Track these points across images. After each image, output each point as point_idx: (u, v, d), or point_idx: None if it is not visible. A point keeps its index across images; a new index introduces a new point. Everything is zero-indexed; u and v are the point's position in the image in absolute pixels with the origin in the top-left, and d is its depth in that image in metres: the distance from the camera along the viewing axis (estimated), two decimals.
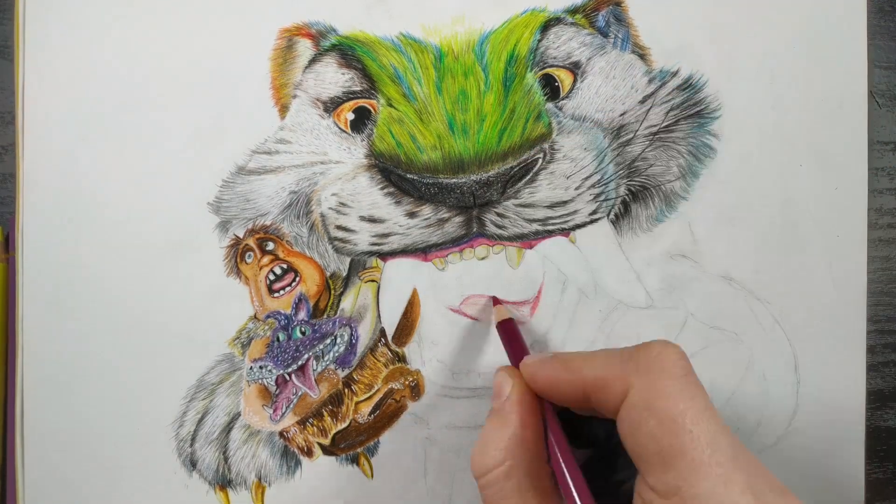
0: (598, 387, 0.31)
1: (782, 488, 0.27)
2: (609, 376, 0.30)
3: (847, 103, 0.44)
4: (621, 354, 0.31)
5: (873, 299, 0.44)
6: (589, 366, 0.32)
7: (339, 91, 0.42)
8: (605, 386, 0.30)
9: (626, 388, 0.29)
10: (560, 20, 0.43)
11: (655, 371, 0.29)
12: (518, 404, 0.33)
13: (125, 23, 0.42)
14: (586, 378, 0.31)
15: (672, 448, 0.27)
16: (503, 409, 0.33)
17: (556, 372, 0.33)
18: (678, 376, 0.29)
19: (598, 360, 0.32)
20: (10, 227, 0.42)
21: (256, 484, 0.42)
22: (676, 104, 0.43)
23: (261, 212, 0.42)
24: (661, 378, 0.29)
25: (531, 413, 0.33)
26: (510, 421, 0.32)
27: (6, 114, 0.43)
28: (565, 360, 0.33)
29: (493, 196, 0.41)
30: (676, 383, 0.28)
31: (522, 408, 0.33)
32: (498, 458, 0.31)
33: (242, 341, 0.42)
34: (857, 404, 0.43)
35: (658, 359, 0.29)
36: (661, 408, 0.28)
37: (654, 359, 0.30)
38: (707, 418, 0.27)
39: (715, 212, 0.43)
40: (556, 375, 0.33)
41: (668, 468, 0.27)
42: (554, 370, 0.33)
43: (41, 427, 0.41)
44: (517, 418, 0.32)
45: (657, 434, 0.28)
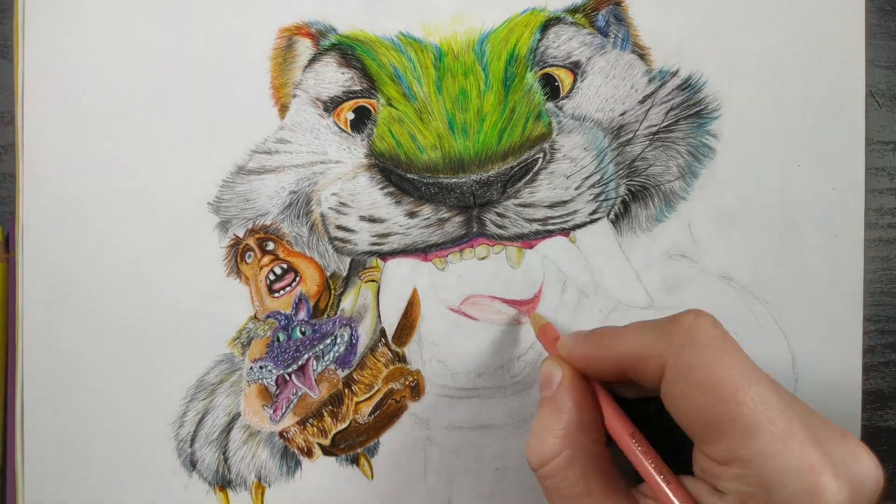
0: (634, 363, 0.30)
1: (842, 431, 0.27)
2: (644, 352, 0.30)
3: (845, 103, 0.44)
4: (654, 328, 0.30)
5: (873, 299, 0.44)
6: (622, 342, 0.31)
7: (339, 90, 0.42)
8: (641, 362, 0.30)
9: (662, 364, 0.29)
10: (560, 20, 0.43)
11: (689, 344, 0.29)
12: (571, 390, 0.32)
13: (125, 23, 0.42)
14: (622, 354, 0.31)
15: (721, 416, 0.27)
16: (556, 397, 0.32)
17: (592, 349, 0.33)
18: (713, 344, 0.28)
19: (632, 335, 0.31)
20: (10, 227, 0.42)
21: (256, 484, 0.42)
22: (676, 104, 0.43)
23: (261, 212, 0.42)
24: (695, 350, 0.28)
25: (585, 398, 0.32)
26: (565, 407, 0.32)
27: (6, 114, 0.43)
28: (599, 335, 0.33)
29: (493, 196, 0.41)
30: (712, 353, 0.28)
31: (576, 393, 0.32)
32: (557, 447, 0.31)
33: (242, 341, 0.42)
34: (853, 403, 0.43)
35: (691, 331, 0.29)
36: (701, 380, 0.27)
37: (686, 332, 0.29)
38: (751, 380, 0.27)
39: (714, 212, 0.43)
40: (591, 352, 0.32)
41: (721, 437, 0.27)
42: (589, 347, 0.33)
43: (41, 427, 0.41)
44: (572, 404, 0.32)
45: (703, 405, 0.27)
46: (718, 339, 0.29)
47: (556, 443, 0.31)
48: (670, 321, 0.30)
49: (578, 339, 0.34)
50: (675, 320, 0.30)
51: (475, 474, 0.42)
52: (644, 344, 0.30)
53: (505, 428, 0.42)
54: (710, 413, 0.27)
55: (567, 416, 0.31)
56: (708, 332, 0.29)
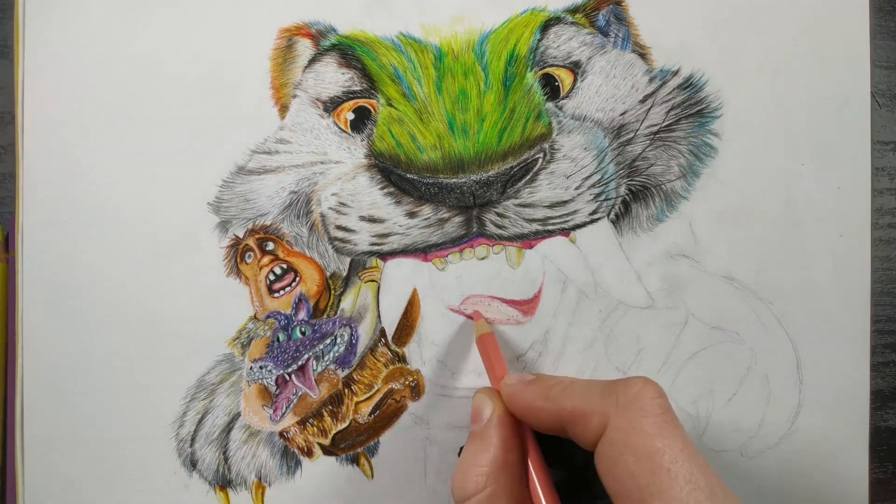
0: (575, 418, 0.30)
1: None
2: (587, 409, 0.30)
3: (849, 102, 0.43)
4: (602, 388, 0.31)
5: (874, 299, 0.44)
6: (568, 396, 0.31)
7: (339, 91, 0.42)
8: (584, 418, 0.30)
9: (604, 423, 0.29)
10: (560, 20, 0.43)
11: (634, 409, 0.29)
12: (499, 427, 0.33)
13: (125, 23, 0.42)
14: (565, 408, 0.31)
15: (650, 486, 0.27)
16: (484, 433, 0.33)
17: (535, 398, 0.33)
18: (656, 414, 0.29)
19: (578, 391, 0.31)
20: (10, 227, 0.42)
21: (256, 484, 0.42)
22: (677, 103, 0.43)
23: (261, 212, 0.42)
24: (639, 416, 0.29)
25: (512, 436, 0.33)
26: (491, 444, 0.32)
27: (6, 114, 0.43)
28: (546, 386, 0.33)
29: (493, 196, 0.41)
30: (655, 421, 0.28)
31: (503, 431, 0.33)
32: (480, 484, 0.31)
33: (242, 341, 0.42)
34: (860, 404, 0.43)
35: (637, 396, 0.29)
36: (638, 446, 0.28)
37: (633, 396, 0.29)
38: (685, 457, 0.27)
39: (716, 211, 0.43)
40: (534, 402, 0.33)
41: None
42: (533, 396, 0.33)
43: (41, 427, 0.41)
44: (498, 442, 0.32)
45: (635, 472, 0.27)
46: (662, 409, 0.29)
47: (479, 480, 0.31)
48: (619, 383, 0.31)
49: (524, 385, 0.34)
50: (624, 383, 0.30)
51: None
52: (589, 401, 0.30)
53: None
54: (641, 480, 0.27)
55: (492, 454, 0.32)
56: (654, 401, 0.29)
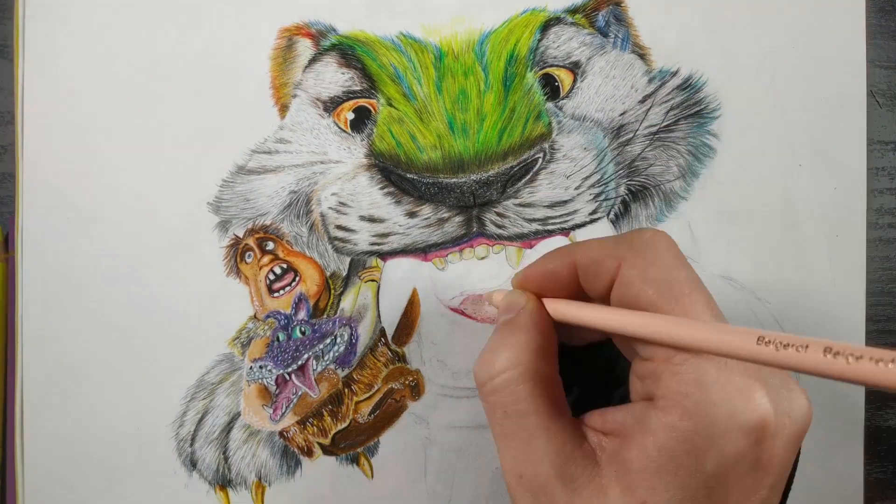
0: (590, 267, 0.30)
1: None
2: (601, 256, 0.30)
3: (847, 102, 0.44)
4: (614, 238, 0.31)
5: (873, 299, 0.44)
6: (581, 249, 0.31)
7: (339, 90, 0.42)
8: (598, 265, 0.30)
9: (617, 265, 0.29)
10: (560, 20, 0.43)
11: (649, 248, 0.29)
12: (534, 314, 0.32)
13: (125, 22, 0.42)
14: (579, 260, 0.31)
15: (674, 312, 0.27)
16: (517, 319, 0.32)
17: (549, 260, 0.32)
18: (672, 253, 0.29)
19: (591, 243, 0.31)
20: (10, 227, 0.42)
21: (256, 484, 0.42)
22: (676, 104, 0.43)
23: (261, 211, 0.42)
24: (653, 253, 0.29)
25: (546, 325, 0.32)
26: (525, 328, 0.31)
27: (6, 114, 0.43)
28: (556, 251, 0.33)
29: (492, 196, 0.41)
30: (670, 257, 0.29)
31: (538, 318, 0.32)
32: (512, 361, 0.30)
33: (242, 341, 0.42)
34: (856, 404, 0.43)
35: (651, 240, 0.30)
36: (657, 277, 0.28)
37: (647, 240, 0.30)
38: (702, 288, 0.28)
39: (714, 211, 0.43)
40: (548, 264, 0.32)
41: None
42: (545, 261, 0.33)
43: (41, 427, 0.41)
44: (533, 327, 0.31)
45: (656, 301, 0.28)
46: (675, 249, 0.29)
47: (511, 357, 0.30)
48: (631, 232, 0.31)
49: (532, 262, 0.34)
50: (636, 231, 0.31)
51: (475, 474, 0.42)
52: (603, 248, 0.30)
53: None
54: (664, 308, 0.27)
55: (525, 336, 0.31)
56: (668, 243, 0.30)
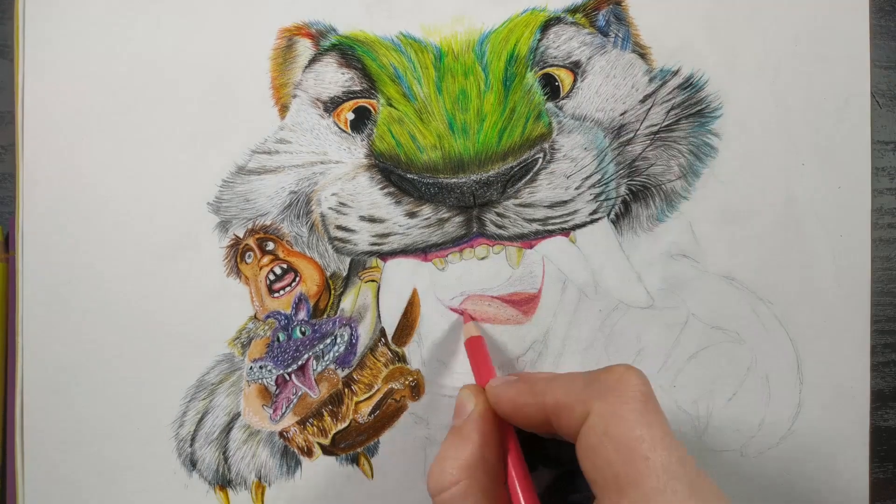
0: (559, 410, 0.30)
1: None
2: (570, 400, 0.30)
3: (849, 102, 0.43)
4: (585, 378, 0.31)
5: (874, 299, 0.44)
6: (552, 389, 0.31)
7: (339, 91, 0.42)
8: (567, 409, 0.30)
9: (585, 413, 0.29)
10: (560, 19, 0.43)
11: (615, 395, 0.29)
12: (479, 423, 0.33)
13: (125, 22, 0.42)
14: (548, 402, 0.31)
15: (627, 475, 0.27)
16: (464, 428, 0.33)
17: (520, 395, 0.33)
18: (638, 401, 0.29)
19: (562, 383, 0.32)
20: (10, 227, 0.42)
21: (256, 484, 0.42)
22: (677, 103, 0.43)
23: (261, 212, 0.42)
24: (620, 403, 0.29)
25: (492, 433, 0.33)
26: (470, 439, 0.32)
27: (6, 114, 0.43)
28: (530, 382, 0.33)
29: (493, 196, 0.41)
30: (635, 408, 0.28)
31: (484, 426, 0.33)
32: (455, 476, 0.31)
33: (242, 341, 0.42)
34: (860, 405, 0.43)
35: (618, 383, 0.29)
36: (618, 434, 0.28)
37: (614, 383, 0.29)
38: (665, 446, 0.27)
39: (716, 211, 0.43)
40: (519, 399, 0.33)
41: (622, 495, 0.27)
42: (517, 393, 0.33)
43: (41, 427, 0.41)
44: (478, 437, 0.32)
45: (613, 460, 0.27)
46: (644, 396, 0.29)
47: (455, 473, 0.31)
48: (601, 372, 0.31)
49: (509, 385, 0.34)
50: (606, 371, 0.31)
51: None
52: (572, 392, 0.30)
53: None
54: (619, 469, 0.27)
55: (470, 449, 0.32)
56: (636, 388, 0.29)
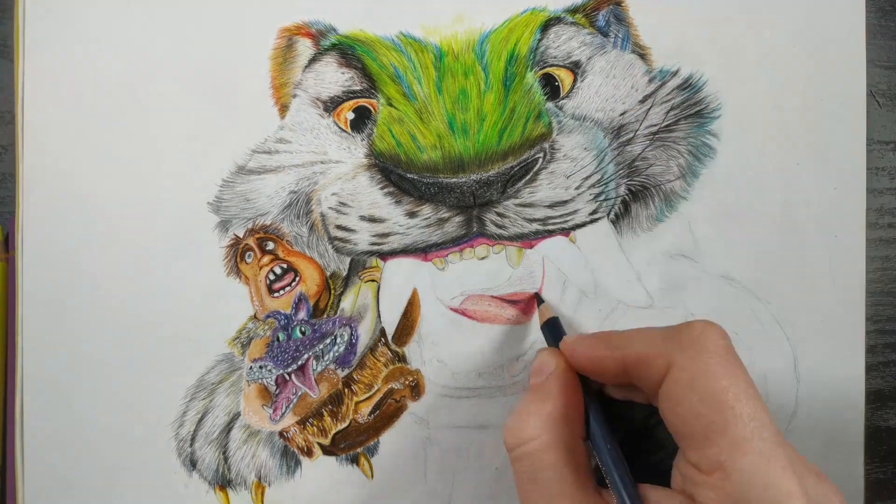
0: (639, 363, 0.31)
1: (819, 471, 0.27)
2: (651, 353, 0.30)
3: (846, 103, 0.44)
4: (663, 332, 0.31)
5: (873, 299, 0.44)
6: (631, 342, 0.32)
7: (339, 90, 0.42)
8: (647, 363, 0.30)
9: (667, 366, 0.29)
10: (560, 20, 0.43)
11: (698, 349, 0.29)
12: (561, 381, 0.33)
13: (125, 22, 0.42)
14: (628, 355, 0.31)
15: (715, 424, 0.27)
16: (545, 386, 0.33)
17: (597, 348, 0.33)
18: (720, 354, 0.29)
19: (641, 337, 0.32)
20: (10, 227, 0.42)
21: (256, 484, 0.42)
22: (676, 104, 0.43)
23: (261, 211, 0.42)
24: (703, 356, 0.29)
25: (574, 391, 0.33)
26: (552, 396, 0.32)
27: (6, 114, 0.43)
28: (606, 336, 0.33)
29: (493, 196, 0.41)
30: (719, 361, 0.29)
31: (566, 385, 0.33)
32: (537, 430, 0.31)
33: (242, 341, 0.42)
34: (856, 404, 0.43)
35: (700, 337, 0.29)
36: (703, 385, 0.28)
37: (696, 337, 0.30)
38: (749, 396, 0.28)
39: (715, 211, 0.43)
40: (596, 352, 0.33)
41: (710, 444, 0.27)
42: (594, 346, 0.33)
43: (41, 427, 0.41)
44: (559, 394, 0.32)
45: (700, 411, 0.28)
46: (725, 349, 0.29)
47: (537, 425, 0.31)
48: (681, 327, 0.31)
49: (584, 338, 0.34)
50: (686, 326, 0.30)
51: (475, 474, 0.42)
52: (652, 345, 0.31)
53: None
54: (706, 419, 0.27)
55: (552, 405, 0.32)
56: (717, 342, 0.29)
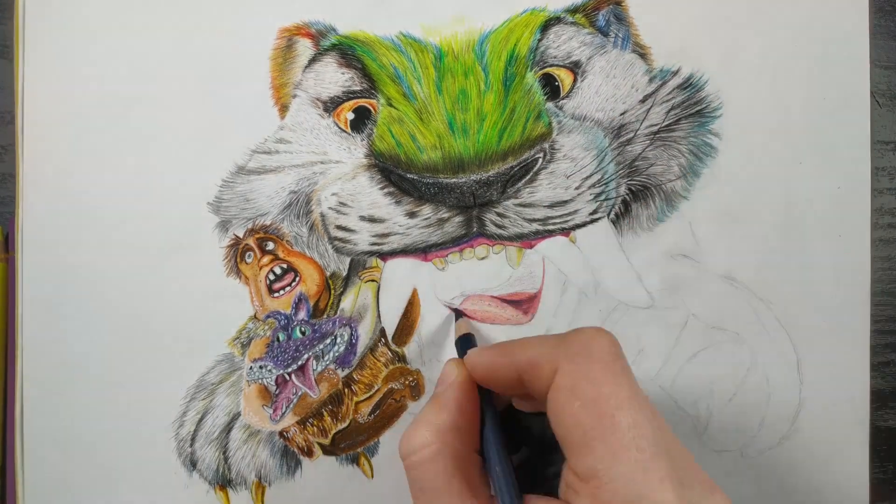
0: (530, 369, 0.31)
1: (711, 484, 0.27)
2: (540, 360, 0.30)
3: (849, 102, 0.43)
4: (554, 339, 0.31)
5: (875, 299, 0.44)
6: (522, 350, 0.32)
7: (339, 90, 0.42)
8: (536, 368, 0.30)
9: (554, 371, 0.29)
10: (560, 19, 0.43)
11: (584, 355, 0.29)
12: (457, 390, 0.33)
13: (125, 23, 0.42)
14: (520, 361, 0.31)
15: (593, 431, 0.27)
16: (442, 395, 0.33)
17: (493, 357, 0.33)
18: (606, 361, 0.29)
19: (532, 344, 0.32)
20: (10, 227, 0.42)
21: (256, 484, 0.42)
22: (677, 103, 0.43)
23: (261, 211, 0.42)
24: (588, 362, 0.29)
25: (469, 401, 0.33)
26: (447, 405, 0.33)
27: (6, 114, 0.43)
28: (504, 346, 0.33)
29: (493, 196, 0.41)
30: (603, 367, 0.29)
31: (461, 394, 0.33)
32: (427, 439, 0.31)
33: (242, 341, 0.42)
34: (860, 404, 0.43)
35: (588, 343, 0.30)
36: (585, 391, 0.28)
37: (584, 343, 0.30)
38: (633, 404, 0.27)
39: (716, 211, 0.43)
40: (492, 361, 0.33)
41: (589, 451, 0.27)
42: (491, 356, 0.33)
43: (41, 427, 0.41)
44: (454, 403, 0.33)
45: (580, 417, 0.28)
46: (612, 357, 0.29)
47: (427, 435, 0.31)
48: (571, 334, 0.31)
49: (485, 349, 0.34)
50: (576, 333, 0.31)
51: None
52: (541, 351, 0.31)
53: None
54: (586, 426, 0.27)
55: (446, 415, 0.32)
56: (603, 349, 0.29)
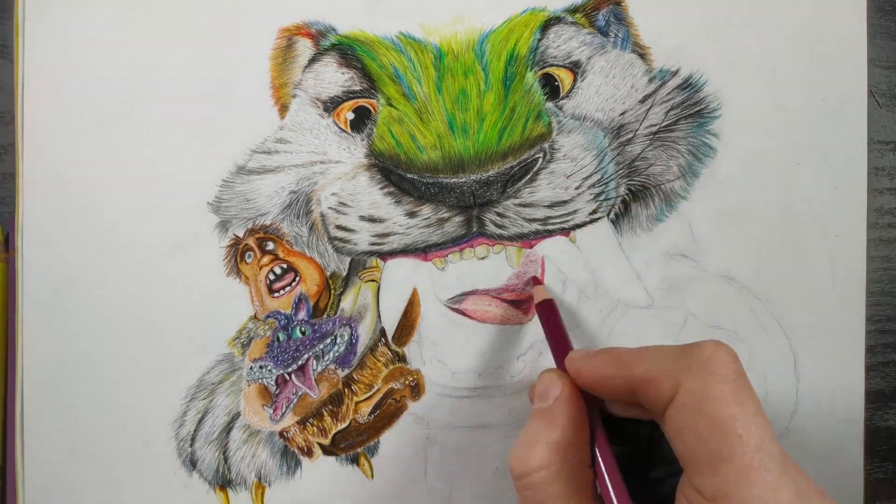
0: (646, 384, 0.30)
1: (821, 492, 0.27)
2: (659, 375, 0.30)
3: (847, 102, 0.44)
4: (673, 353, 0.30)
5: (873, 299, 0.44)
6: (639, 362, 0.31)
7: (339, 90, 0.42)
8: (655, 384, 0.30)
9: (675, 388, 0.29)
10: (560, 19, 0.43)
11: (707, 373, 0.28)
12: (567, 405, 0.32)
13: (125, 22, 0.42)
14: (635, 374, 0.31)
15: (721, 452, 0.27)
16: (552, 411, 0.32)
17: (604, 367, 0.32)
18: (730, 379, 0.28)
19: (649, 356, 0.31)
20: (9, 227, 0.42)
21: (256, 484, 0.42)
22: (676, 103, 0.43)
23: (261, 211, 0.42)
24: (712, 380, 0.28)
25: (580, 416, 0.32)
26: (558, 423, 0.32)
27: (6, 114, 0.43)
28: (614, 355, 0.33)
29: (492, 196, 0.41)
30: (728, 387, 0.28)
31: (571, 409, 0.32)
32: (545, 460, 0.30)
33: (242, 341, 0.42)
34: (856, 403, 0.43)
35: (710, 360, 0.29)
36: (711, 411, 0.28)
37: (706, 360, 0.29)
38: (757, 424, 0.27)
39: (715, 211, 0.43)
40: (602, 371, 0.32)
41: (716, 472, 0.27)
42: (601, 366, 0.33)
43: (41, 427, 0.41)
44: (566, 420, 0.32)
45: (706, 437, 0.27)
46: (736, 373, 0.29)
47: (544, 455, 0.31)
48: (691, 347, 0.30)
49: (591, 357, 0.33)
50: (696, 347, 0.30)
51: (475, 474, 0.42)
52: (660, 366, 0.30)
53: (505, 427, 0.42)
54: (712, 446, 0.27)
55: (560, 432, 0.31)
56: (727, 366, 0.29)
